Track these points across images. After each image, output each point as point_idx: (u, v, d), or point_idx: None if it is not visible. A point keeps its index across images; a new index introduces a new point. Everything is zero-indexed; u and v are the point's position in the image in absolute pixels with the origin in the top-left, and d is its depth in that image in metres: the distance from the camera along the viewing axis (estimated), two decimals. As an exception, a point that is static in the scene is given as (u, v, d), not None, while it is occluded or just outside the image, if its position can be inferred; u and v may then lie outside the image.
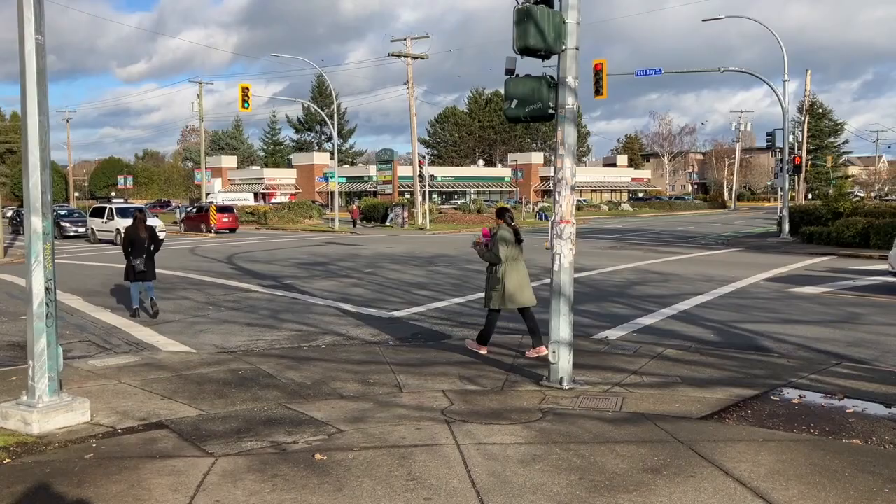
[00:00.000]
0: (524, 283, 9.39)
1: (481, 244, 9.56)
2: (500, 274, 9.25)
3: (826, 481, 5.16)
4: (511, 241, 9.28)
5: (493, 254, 9.24)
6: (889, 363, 9.43)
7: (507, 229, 9.34)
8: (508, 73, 8.07)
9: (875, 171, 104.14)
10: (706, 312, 13.41)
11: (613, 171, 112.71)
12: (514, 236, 9.34)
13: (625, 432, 6.30)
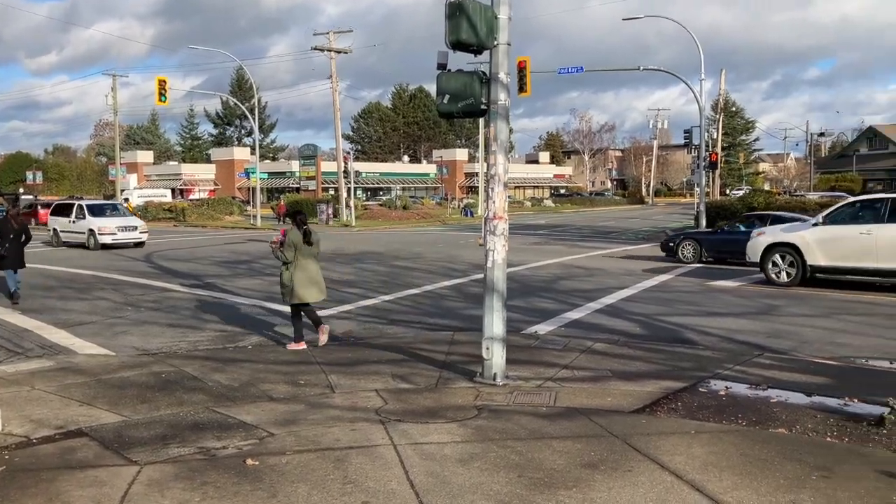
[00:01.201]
0: (313, 280, 9.93)
1: (276, 244, 10.03)
2: (290, 272, 9.84)
3: (757, 471, 5.27)
4: (300, 243, 9.80)
5: (283, 254, 9.82)
6: (806, 353, 9.77)
7: (296, 232, 9.86)
8: (440, 68, 7.98)
9: (784, 167, 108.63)
10: (631, 306, 13.66)
11: (536, 167, 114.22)
12: (303, 238, 9.85)
13: (560, 428, 6.31)
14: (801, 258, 16.06)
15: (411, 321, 12.33)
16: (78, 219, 29.87)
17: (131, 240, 29.30)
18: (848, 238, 15.39)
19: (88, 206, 30.80)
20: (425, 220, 53.60)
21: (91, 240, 28.83)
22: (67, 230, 30.31)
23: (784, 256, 16.36)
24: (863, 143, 67.97)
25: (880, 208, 15.36)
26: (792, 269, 16.23)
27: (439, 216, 58.07)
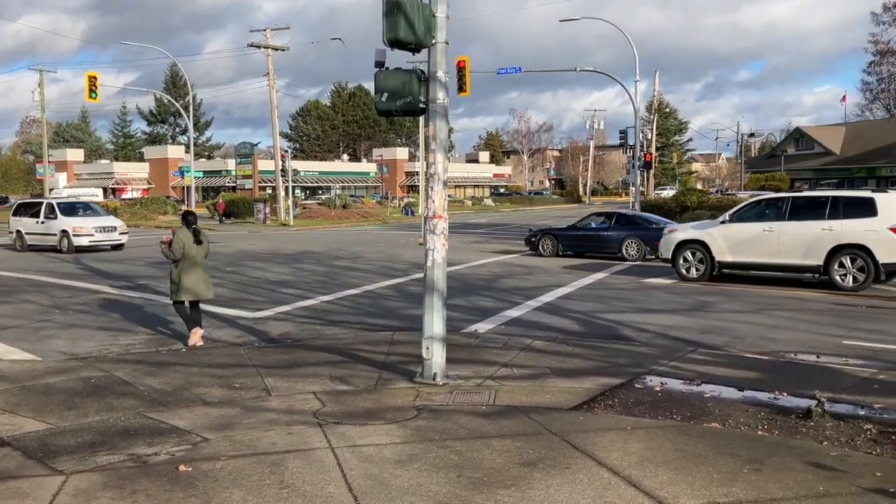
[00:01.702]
0: (200, 279, 10.30)
1: (166, 244, 10.35)
2: (178, 270, 10.19)
3: (692, 465, 5.36)
4: (189, 242, 10.15)
5: (171, 252, 10.17)
6: (739, 348, 10.02)
7: (186, 231, 10.23)
8: (378, 66, 7.91)
9: (716, 166, 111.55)
10: (569, 304, 13.81)
11: (476, 167, 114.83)
12: (193, 237, 10.19)
13: (499, 426, 6.32)
14: (709, 254, 16.79)
15: (351, 322, 12.22)
16: (48, 219, 26.90)
17: (110, 241, 26.94)
18: (752, 235, 16.21)
19: (60, 204, 28.20)
20: (365, 220, 53.30)
21: (64, 242, 25.97)
22: (34, 232, 27.23)
23: (694, 253, 17.06)
24: (790, 144, 70.18)
25: (782, 207, 16.29)
26: (701, 265, 16.93)
27: (380, 215, 57.84)
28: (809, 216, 15.71)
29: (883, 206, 14.95)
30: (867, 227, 14.83)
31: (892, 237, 14.59)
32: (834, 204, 15.50)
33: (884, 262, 14.69)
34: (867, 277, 14.90)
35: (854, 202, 15.43)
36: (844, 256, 15.09)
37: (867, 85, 35.10)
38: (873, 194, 15.55)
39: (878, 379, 8.09)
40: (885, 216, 14.80)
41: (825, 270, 15.34)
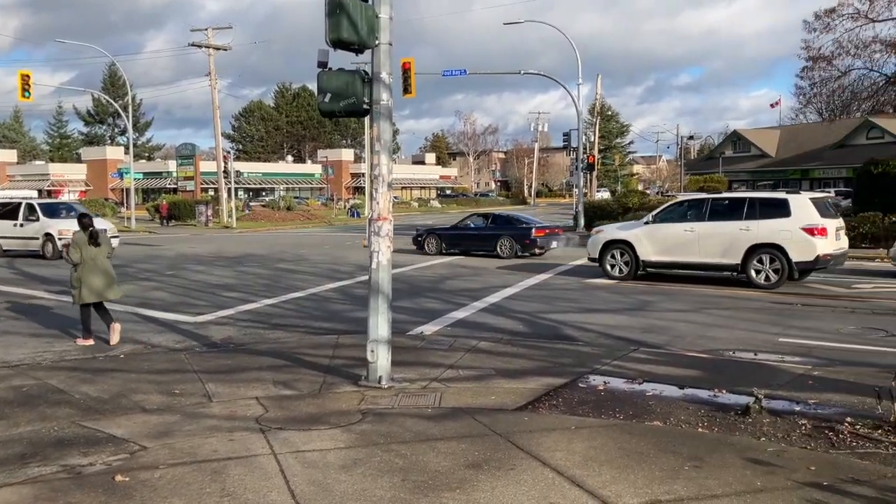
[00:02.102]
0: (103, 280, 10.35)
1: (66, 247, 10.47)
2: (78, 273, 10.24)
3: (634, 464, 5.43)
4: (84, 244, 10.20)
5: (70, 256, 10.23)
6: (680, 347, 10.21)
7: (81, 234, 10.28)
8: (321, 67, 7.83)
9: (656, 168, 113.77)
10: (515, 304, 13.89)
11: (422, 168, 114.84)
12: (89, 239, 10.25)
13: (445, 428, 6.30)
14: (634, 254, 17.29)
15: (295, 325, 12.07)
16: (29, 221, 24.47)
17: None
18: (674, 235, 16.80)
19: (43, 205, 25.77)
20: (310, 222, 52.82)
21: (48, 247, 23.75)
22: (13, 236, 24.73)
23: (621, 253, 17.53)
24: (728, 146, 71.98)
25: (702, 208, 16.92)
26: (626, 264, 17.42)
27: (325, 217, 57.38)
28: (728, 217, 16.30)
29: (796, 207, 15.59)
30: (781, 228, 15.46)
31: (804, 237, 15.26)
32: (751, 205, 16.14)
33: (797, 261, 15.35)
34: (781, 276, 15.52)
35: (769, 203, 16.07)
36: (761, 255, 15.71)
37: (800, 90, 36.28)
38: (787, 196, 16.21)
39: (813, 375, 8.32)
40: (797, 217, 15.44)
41: (743, 269, 15.96)
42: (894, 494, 4.84)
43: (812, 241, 15.23)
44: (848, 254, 17.20)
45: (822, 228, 15.33)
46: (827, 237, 15.39)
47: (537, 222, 25.30)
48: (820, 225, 15.33)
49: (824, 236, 15.33)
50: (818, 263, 15.43)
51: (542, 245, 23.88)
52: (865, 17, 25.74)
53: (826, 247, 15.37)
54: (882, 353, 9.36)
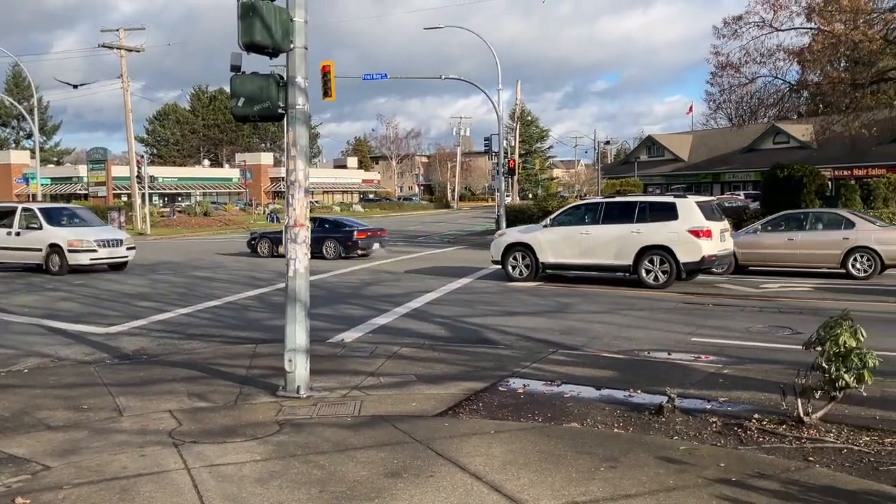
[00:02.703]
0: None
1: None
2: None
3: (552, 466, 5.49)
4: None
5: None
6: (596, 348, 10.41)
7: None
8: (234, 70, 7.67)
9: (575, 172, 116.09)
10: (437, 309, 13.91)
11: (344, 172, 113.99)
12: None
13: (364, 437, 6.24)
14: (534, 256, 17.85)
15: (211, 335, 11.77)
16: (28, 230, 21.24)
17: (114, 259, 21.62)
18: (571, 237, 17.48)
19: (45, 210, 22.27)
20: (229, 227, 51.73)
21: (55, 260, 20.63)
22: (6, 246, 21.40)
23: (522, 255, 18.05)
24: (643, 151, 73.98)
25: (597, 211, 17.68)
26: (527, 267, 17.96)
27: (244, 223, 56.26)
28: (621, 220, 17.02)
29: (683, 210, 16.41)
30: (669, 230, 16.25)
31: (690, 238, 16.08)
32: (641, 209, 16.96)
33: (684, 262, 16.14)
34: (670, 276, 16.29)
35: (658, 207, 16.93)
36: (651, 256, 16.43)
37: (710, 96, 37.67)
38: (675, 199, 17.13)
39: (723, 374, 8.60)
40: (684, 219, 16.25)
41: (634, 270, 16.65)
42: (796, 486, 5.03)
43: (698, 243, 16.05)
44: (733, 253, 18.12)
45: (708, 230, 16.19)
46: (712, 239, 16.27)
47: (361, 225, 27.00)
48: (705, 227, 16.18)
49: (709, 238, 16.20)
50: (704, 264, 16.29)
51: (365, 247, 25.54)
52: (770, 26, 26.82)
53: (711, 248, 16.25)
54: (788, 351, 9.74)
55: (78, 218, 22.95)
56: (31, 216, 21.52)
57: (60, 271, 20.52)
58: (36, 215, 21.42)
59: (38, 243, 20.92)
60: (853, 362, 6.08)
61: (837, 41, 25.54)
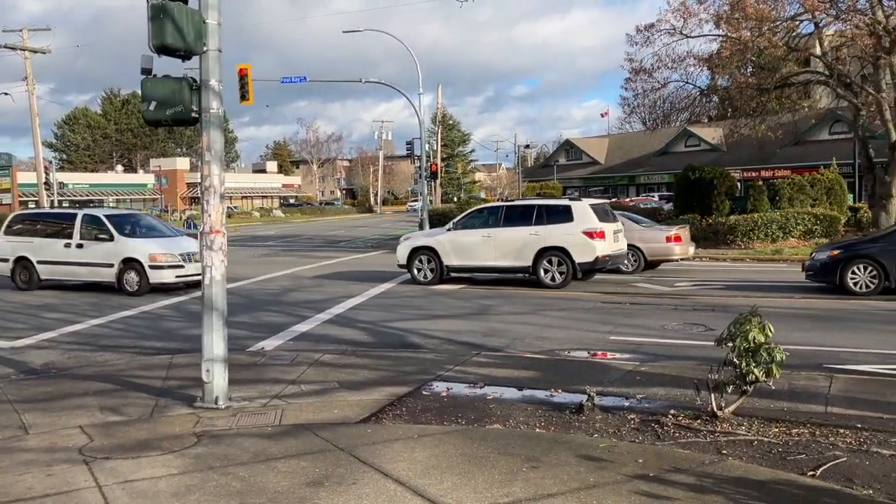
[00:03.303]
0: None
1: None
2: None
3: (475, 469, 5.51)
4: None
5: None
6: (519, 349, 10.52)
7: None
8: (145, 73, 7.45)
9: (497, 176, 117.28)
10: (359, 314, 13.81)
11: (264, 177, 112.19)
12: None
13: (285, 447, 6.13)
14: (439, 259, 18.18)
15: (125, 346, 11.38)
16: (94, 241, 17.77)
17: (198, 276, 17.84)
18: (473, 240, 17.90)
19: (114, 217, 18.63)
20: (144, 235, 50.11)
21: (131, 277, 17.22)
22: (63, 261, 18.09)
23: (427, 259, 18.36)
24: (562, 155, 75.41)
25: (498, 214, 18.17)
26: (432, 270, 18.27)
27: (160, 229, 54.56)
28: (520, 223, 17.50)
29: (578, 213, 17.07)
30: (565, 232, 16.85)
31: (585, 240, 16.71)
32: (539, 212, 17.53)
33: (579, 262, 16.76)
34: (567, 276, 16.88)
35: (555, 210, 17.50)
36: (549, 257, 16.97)
37: (625, 100, 38.66)
38: (570, 202, 17.79)
39: (640, 371, 8.82)
40: (579, 221, 16.90)
41: (534, 271, 17.13)
42: (710, 479, 5.19)
43: (592, 244, 16.69)
44: (626, 254, 18.87)
45: (601, 232, 16.89)
46: (605, 240, 16.98)
47: None
48: (599, 229, 16.87)
49: (603, 239, 16.90)
50: (598, 264, 16.94)
51: None
52: (680, 33, 27.70)
53: (605, 248, 16.95)
54: (701, 347, 10.06)
55: (146, 225, 19.53)
56: (97, 224, 17.94)
57: (138, 291, 17.07)
58: (103, 223, 17.86)
59: (109, 257, 17.41)
60: (762, 357, 6.32)
61: (744, 47, 26.57)
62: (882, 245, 15.11)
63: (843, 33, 26.32)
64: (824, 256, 15.65)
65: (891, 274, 14.66)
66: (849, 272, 15.02)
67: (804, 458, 5.73)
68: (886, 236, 15.66)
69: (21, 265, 18.65)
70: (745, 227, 26.65)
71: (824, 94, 34.84)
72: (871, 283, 14.87)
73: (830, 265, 15.32)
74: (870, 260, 14.93)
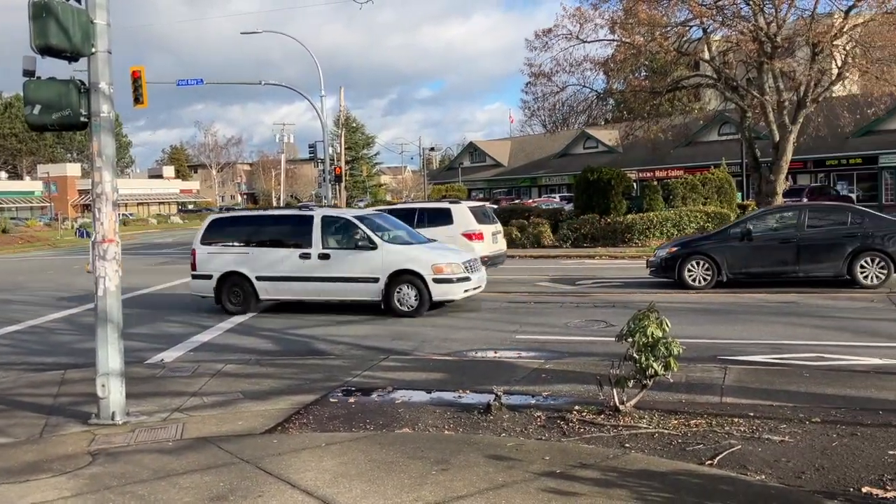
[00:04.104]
0: None
1: None
2: None
3: (384, 475, 5.46)
4: None
5: None
6: (427, 351, 10.54)
7: None
8: (28, 75, 7.06)
9: (403, 179, 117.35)
10: (264, 322, 13.52)
11: (161, 182, 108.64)
12: None
13: (187, 462, 5.92)
14: None
15: (11, 363, 10.76)
16: (343, 248, 14.12)
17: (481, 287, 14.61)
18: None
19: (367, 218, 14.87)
20: (31, 245, 47.70)
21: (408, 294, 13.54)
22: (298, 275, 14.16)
23: None
24: (466, 157, 76.17)
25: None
26: None
27: (49, 239, 52.08)
28: None
29: (457, 215, 17.65)
30: (446, 234, 17.28)
31: (464, 242, 17.20)
32: (420, 215, 18.01)
33: None
34: None
35: (436, 212, 18.02)
36: None
37: (525, 103, 39.38)
38: (450, 205, 18.29)
39: (546, 368, 8.97)
40: (459, 223, 17.49)
41: None
42: (614, 473, 5.33)
43: (471, 245, 17.11)
44: (506, 254, 19.42)
45: (479, 233, 17.46)
46: (484, 241, 17.49)
47: None
48: (477, 230, 17.45)
49: (481, 240, 17.43)
50: None
51: None
52: (577, 38, 28.40)
53: (484, 249, 17.44)
54: (603, 343, 10.31)
55: (395, 226, 15.73)
56: (345, 229, 14.35)
57: (416, 311, 13.49)
58: (357, 228, 14.13)
59: (371, 270, 13.70)
60: (660, 351, 6.54)
61: (637, 52, 27.49)
62: (714, 242, 16.01)
63: (728, 38, 27.57)
64: (664, 253, 16.44)
65: (723, 268, 15.60)
66: (686, 268, 15.83)
67: (702, 448, 5.96)
68: (718, 234, 16.46)
69: (230, 282, 14.56)
70: (642, 226, 27.58)
71: (714, 97, 36.51)
72: (706, 277, 15.72)
73: (670, 261, 16.14)
74: (704, 256, 15.79)
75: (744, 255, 15.67)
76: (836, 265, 15.11)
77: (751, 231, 15.81)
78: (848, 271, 15.02)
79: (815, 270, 15.28)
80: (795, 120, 26.85)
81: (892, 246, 14.88)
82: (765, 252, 15.65)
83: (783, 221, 16.22)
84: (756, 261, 15.68)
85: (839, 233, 15.28)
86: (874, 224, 15.32)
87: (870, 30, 25.47)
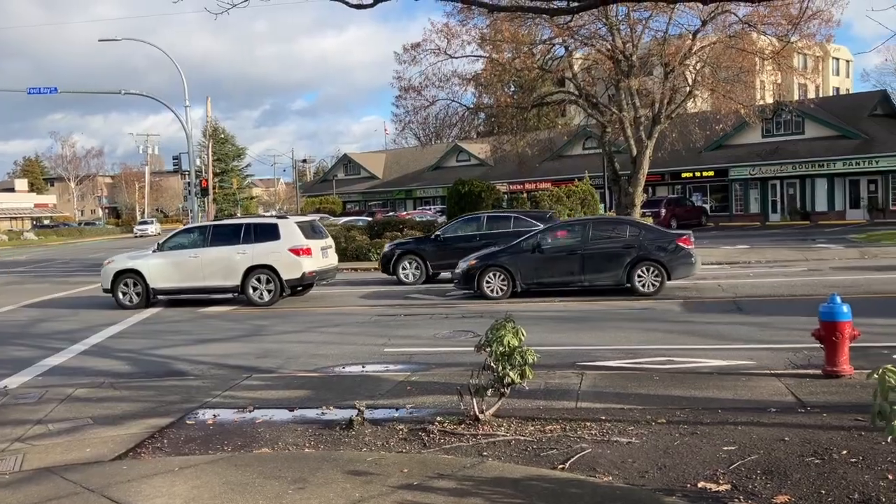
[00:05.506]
0: None
1: None
2: None
3: (238, 497, 5.32)
4: None
5: None
6: (292, 368, 10.36)
7: None
8: None
9: (275, 191, 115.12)
10: (121, 343, 12.92)
11: (13, 196, 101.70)
12: None
13: (25, 495, 5.55)
14: (145, 282, 17.65)
15: None
16: None
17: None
18: (180, 261, 17.64)
19: None
20: None
21: None
22: None
23: (133, 282, 17.74)
24: (340, 170, 75.74)
25: (206, 234, 18.00)
26: (138, 294, 17.69)
27: None
28: (228, 241, 17.55)
29: (284, 231, 17.38)
30: (272, 250, 17.15)
31: (291, 257, 17.14)
32: (247, 230, 17.61)
33: (287, 279, 17.19)
34: (275, 293, 17.21)
35: (263, 228, 17.71)
36: (258, 275, 17.19)
37: (397, 116, 39.67)
38: (277, 220, 18.13)
39: (411, 381, 9.02)
40: (286, 239, 17.23)
41: (243, 289, 17.28)
42: (470, 481, 5.42)
43: (298, 261, 17.10)
44: (338, 268, 19.51)
45: (307, 249, 17.28)
46: (312, 256, 17.40)
47: None
48: (305, 246, 17.26)
49: (309, 255, 17.31)
50: (305, 280, 17.42)
51: None
52: (445, 54, 28.92)
53: (312, 265, 17.41)
54: (470, 353, 10.39)
55: None
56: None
57: None
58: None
59: None
60: (516, 360, 6.71)
61: (503, 69, 28.27)
62: (509, 255, 16.80)
63: (588, 57, 28.82)
64: (465, 266, 17.07)
65: (517, 280, 16.45)
66: (485, 279, 16.56)
67: (555, 453, 6.16)
68: (512, 247, 17.14)
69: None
70: (512, 237, 28.25)
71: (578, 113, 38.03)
72: (503, 288, 16.51)
73: (470, 273, 16.81)
74: (500, 268, 16.58)
75: (535, 267, 16.50)
76: (616, 274, 16.16)
77: (541, 244, 16.66)
78: (627, 280, 16.07)
79: (599, 280, 16.29)
80: (651, 135, 28.37)
81: (665, 256, 16.03)
82: (554, 263, 16.53)
83: (571, 234, 17.12)
84: (546, 272, 16.53)
85: (619, 245, 16.35)
86: (651, 236, 16.53)
87: (716, 51, 27.33)
